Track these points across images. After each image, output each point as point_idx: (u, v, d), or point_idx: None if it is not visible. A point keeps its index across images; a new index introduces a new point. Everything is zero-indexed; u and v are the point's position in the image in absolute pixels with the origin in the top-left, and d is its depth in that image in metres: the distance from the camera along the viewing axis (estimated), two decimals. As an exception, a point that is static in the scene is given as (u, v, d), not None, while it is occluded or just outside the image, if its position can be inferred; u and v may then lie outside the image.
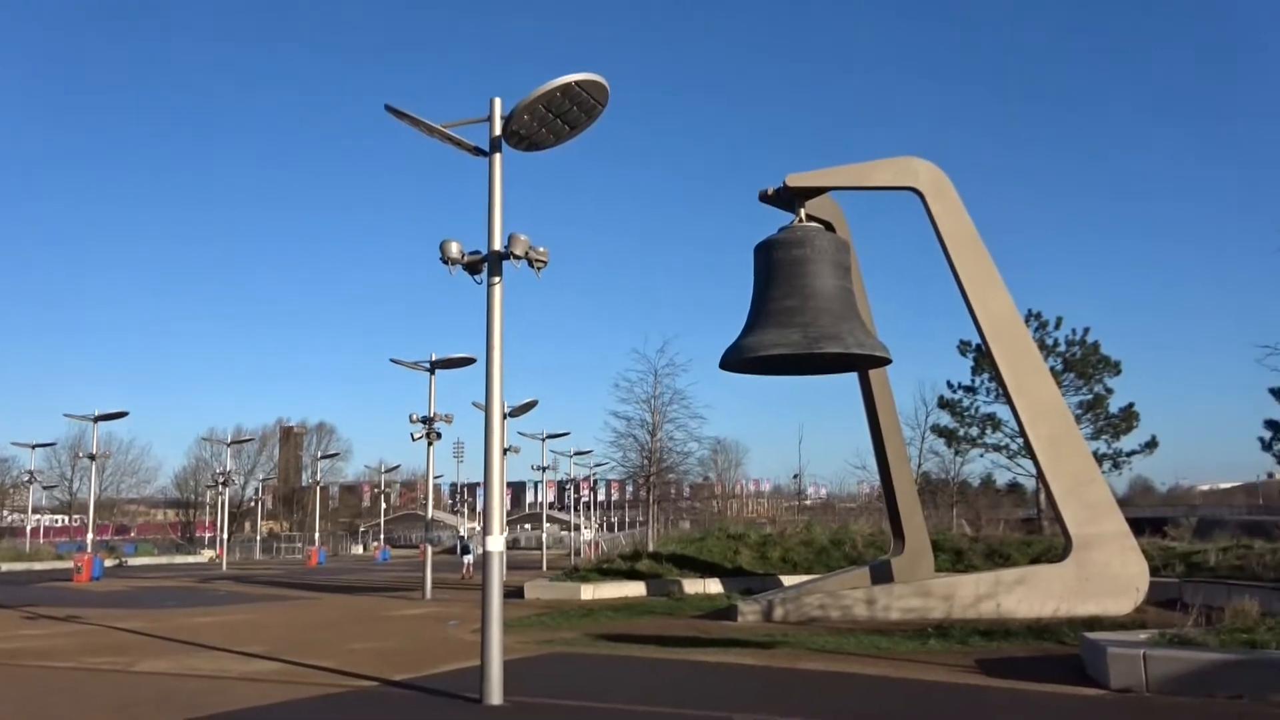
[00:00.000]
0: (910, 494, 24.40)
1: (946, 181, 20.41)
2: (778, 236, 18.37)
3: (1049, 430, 19.79)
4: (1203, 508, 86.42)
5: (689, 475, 49.10)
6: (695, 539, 35.03)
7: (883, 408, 23.64)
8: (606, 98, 11.40)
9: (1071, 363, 47.30)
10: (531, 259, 11.71)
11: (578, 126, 11.73)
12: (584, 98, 11.31)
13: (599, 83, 11.21)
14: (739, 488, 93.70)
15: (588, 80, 11.14)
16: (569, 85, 11.11)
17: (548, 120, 11.44)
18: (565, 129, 11.71)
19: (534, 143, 11.82)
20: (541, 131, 11.62)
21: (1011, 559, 26.69)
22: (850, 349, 17.13)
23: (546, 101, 11.22)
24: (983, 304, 20.00)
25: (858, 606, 20.12)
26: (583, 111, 11.49)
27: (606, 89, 11.30)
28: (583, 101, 11.36)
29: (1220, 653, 11.25)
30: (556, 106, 11.33)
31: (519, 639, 17.16)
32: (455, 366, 32.66)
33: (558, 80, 11.08)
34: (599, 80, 11.19)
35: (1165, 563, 24.29)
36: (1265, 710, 10.10)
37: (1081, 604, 18.70)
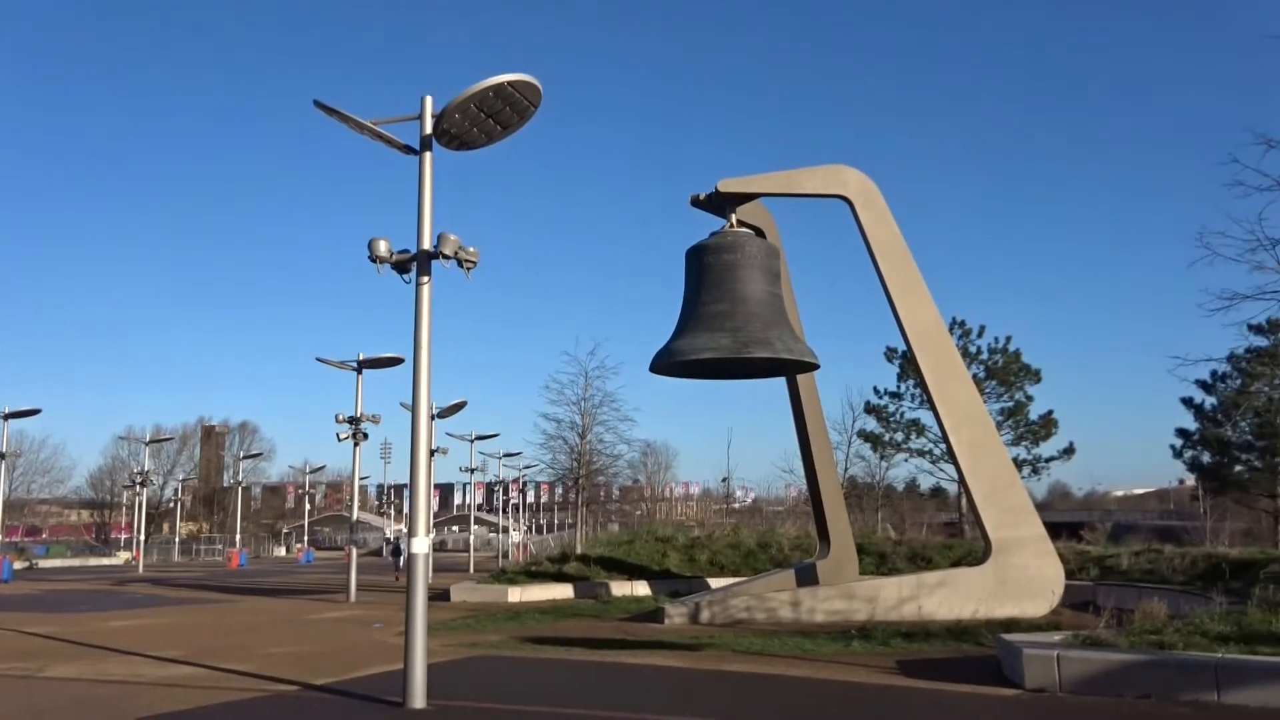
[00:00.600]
0: (836, 498, 24.71)
1: (875, 191, 20.73)
2: (709, 241, 18.50)
3: (970, 436, 20.20)
4: (1117, 513, 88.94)
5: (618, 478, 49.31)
6: (624, 541, 35.05)
7: (810, 413, 23.91)
8: (539, 98, 11.37)
9: (993, 370, 48.29)
10: (461, 259, 11.63)
11: (510, 126, 11.68)
12: (517, 98, 11.27)
13: (532, 83, 11.18)
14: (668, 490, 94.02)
15: (520, 81, 11.10)
16: (501, 85, 11.06)
17: (479, 120, 11.37)
18: (497, 129, 11.65)
19: (465, 142, 11.74)
20: (473, 131, 11.55)
21: (933, 562, 27.17)
22: (779, 354, 17.33)
23: (479, 101, 11.15)
24: (908, 311, 20.35)
25: (783, 609, 20.32)
26: (515, 112, 11.45)
27: (539, 90, 11.28)
28: (515, 102, 11.32)
29: (1130, 653, 11.60)
30: (489, 106, 11.27)
31: (444, 642, 17.02)
32: (383, 366, 32.27)
33: (490, 80, 11.02)
34: (532, 81, 11.16)
35: (1080, 566, 24.93)
36: (1171, 709, 10.42)
37: (1000, 606, 19.11)
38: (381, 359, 31.96)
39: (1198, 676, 10.82)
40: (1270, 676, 10.53)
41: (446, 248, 11.43)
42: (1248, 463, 43.50)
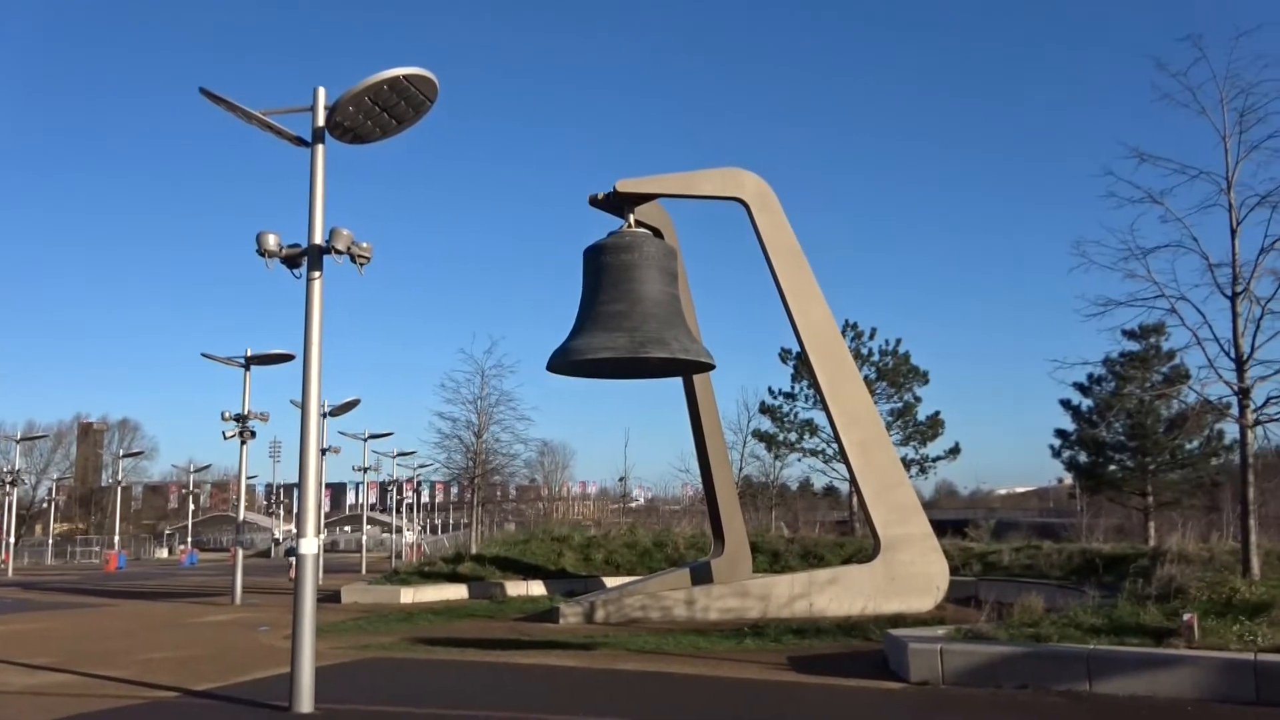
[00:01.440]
0: (731, 497, 25.00)
1: (771, 194, 21.02)
2: (607, 241, 18.51)
3: (861, 436, 20.65)
4: (1000, 511, 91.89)
5: (515, 477, 48.99)
6: (520, 541, 34.85)
7: (706, 412, 24.13)
8: (436, 94, 11.22)
9: (884, 372, 49.52)
10: (354, 254, 11.40)
11: (405, 121, 11.50)
12: (412, 92, 11.10)
13: (428, 78, 11.02)
14: (565, 490, 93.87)
15: (416, 75, 10.93)
16: (397, 79, 10.88)
17: (374, 113, 11.16)
18: (392, 123, 11.45)
19: (359, 135, 11.50)
20: (367, 124, 11.33)
21: (825, 560, 27.68)
22: (676, 354, 17.43)
23: (373, 94, 10.95)
24: (802, 314, 20.69)
25: (678, 607, 20.46)
26: (411, 106, 11.27)
27: (436, 85, 11.12)
28: (411, 96, 11.14)
29: (1009, 646, 12.03)
30: (383, 100, 11.07)
31: (333, 644, 16.67)
32: (273, 363, 31.41)
33: (385, 73, 10.83)
34: (428, 76, 11.00)
35: (964, 562, 25.70)
36: (1046, 698, 10.83)
37: (888, 602, 19.59)
38: (271, 355, 31.10)
39: (1071, 667, 11.28)
40: (1138, 666, 11.02)
41: (339, 243, 11.19)
42: (1120, 462, 45.50)
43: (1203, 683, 10.64)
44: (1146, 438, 43.39)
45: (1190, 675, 10.74)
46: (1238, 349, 14.51)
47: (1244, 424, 14.59)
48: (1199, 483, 44.67)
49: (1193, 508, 44.33)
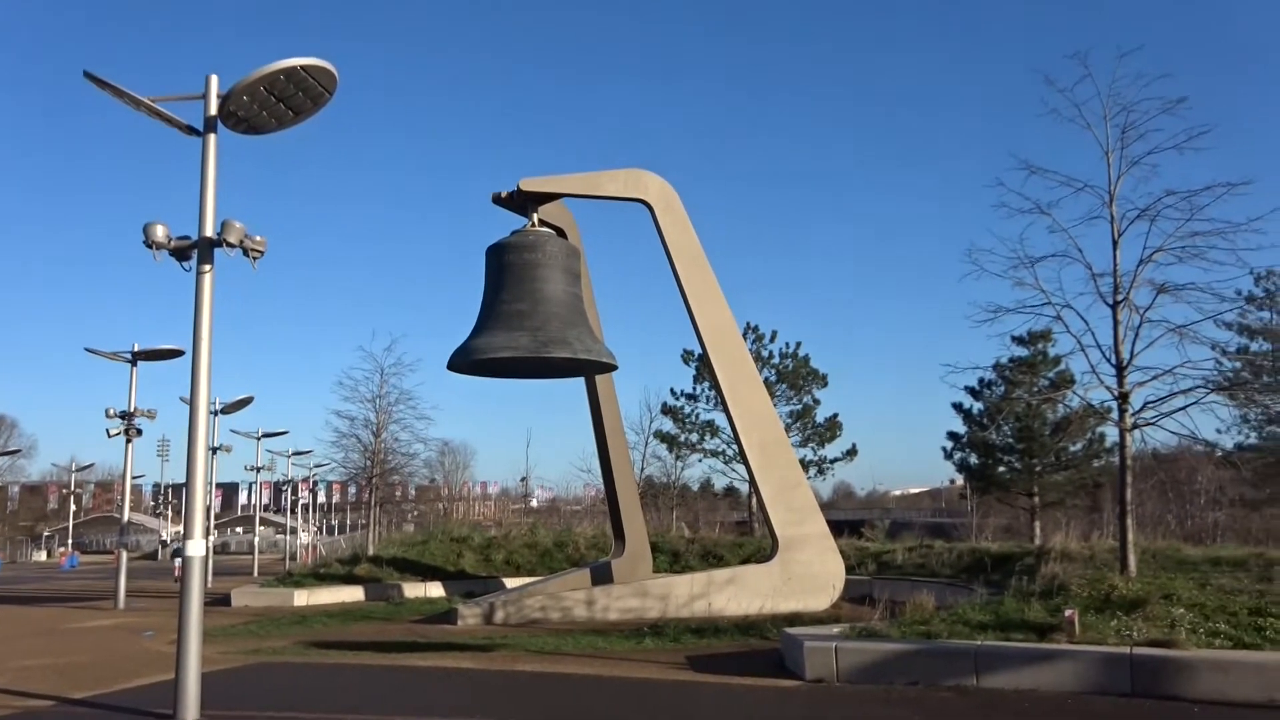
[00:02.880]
0: (632, 497, 25.06)
1: (675, 196, 21.14)
2: (510, 240, 18.39)
3: (760, 437, 20.90)
4: (895, 511, 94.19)
5: (414, 477, 48.20)
6: (418, 542, 34.36)
7: (608, 413, 24.15)
8: (334, 85, 10.98)
9: (784, 374, 50.20)
10: (247, 247, 11.09)
11: (303, 112, 11.22)
12: (310, 83, 10.84)
13: (327, 69, 10.78)
14: (466, 490, 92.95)
15: (315, 66, 10.68)
16: (294, 69, 10.61)
17: (269, 103, 10.87)
18: (289, 114, 11.17)
19: (254, 126, 11.19)
20: (262, 115, 11.03)
21: (724, 560, 27.94)
22: (578, 354, 17.40)
23: (269, 83, 10.66)
24: (704, 315, 20.86)
25: (578, 608, 20.42)
26: (308, 98, 11.01)
27: (335, 76, 10.89)
28: (309, 87, 10.89)
29: (900, 643, 12.30)
30: (280, 90, 10.79)
31: (222, 649, 16.19)
32: (161, 358, 30.35)
33: (282, 62, 10.55)
34: (327, 67, 10.76)
35: (860, 561, 26.22)
36: (935, 694, 11.12)
37: (785, 601, 19.87)
38: (158, 350, 30.04)
39: (959, 663, 11.60)
40: (1022, 661, 11.39)
41: (231, 235, 10.87)
42: (1009, 464, 46.94)
43: (1082, 676, 11.05)
44: (1033, 440, 44.86)
45: (1071, 669, 11.14)
46: (1118, 356, 15.09)
47: (1123, 428, 15.18)
48: (1082, 484, 46.37)
49: (1076, 507, 46.02)
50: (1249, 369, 35.39)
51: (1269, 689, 10.31)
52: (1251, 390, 32.05)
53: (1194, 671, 10.65)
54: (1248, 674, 10.50)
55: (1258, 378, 36.49)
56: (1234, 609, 12.38)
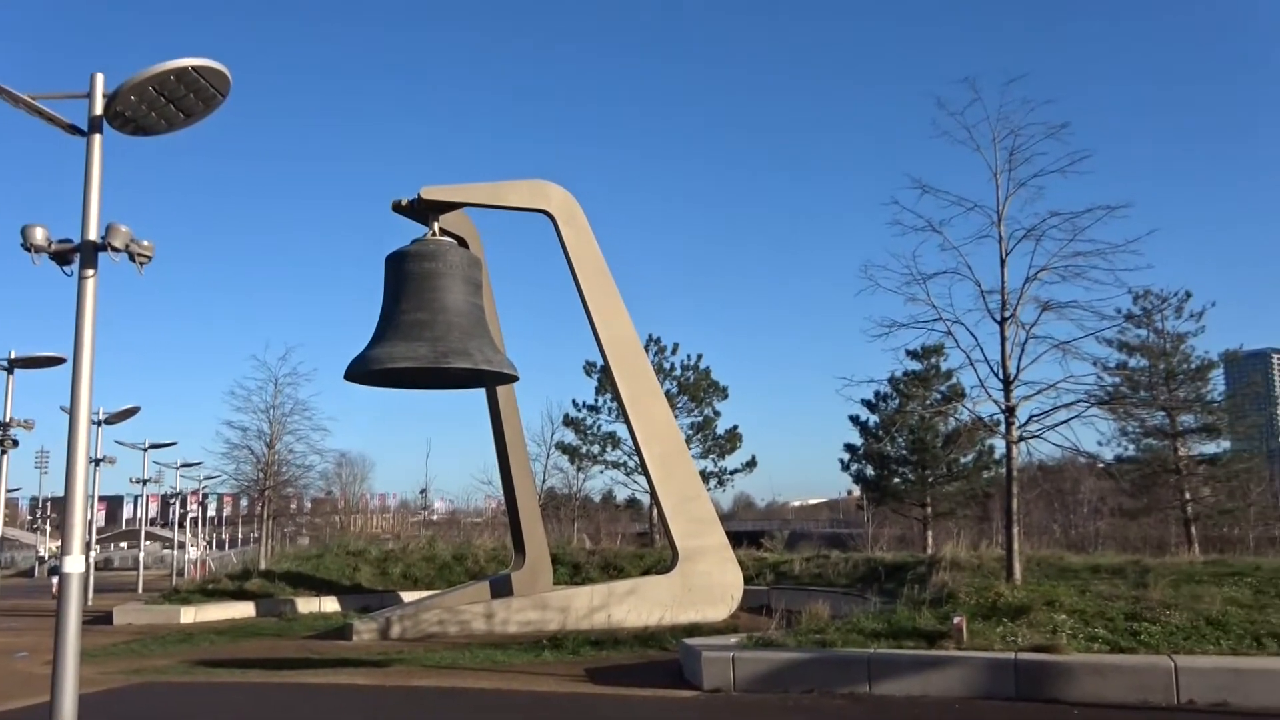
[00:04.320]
0: (532, 509, 24.93)
1: (577, 207, 21.16)
2: (410, 248, 18.14)
3: (661, 449, 21.01)
4: (794, 522, 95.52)
5: (309, 489, 47.11)
6: (313, 556, 33.58)
7: (509, 424, 23.99)
8: (228, 88, 10.68)
9: (685, 386, 50.49)
10: (134, 252, 10.69)
11: (194, 115, 10.87)
12: (202, 85, 10.52)
13: (220, 71, 10.48)
14: (363, 502, 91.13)
15: (207, 67, 10.38)
16: (185, 69, 10.29)
17: (159, 104, 10.51)
18: (179, 116, 10.80)
19: (142, 127, 10.80)
20: (151, 116, 10.65)
21: (625, 571, 27.95)
22: (478, 365, 17.24)
23: (158, 83, 10.30)
24: (606, 327, 20.90)
25: (476, 621, 20.21)
26: (200, 100, 10.68)
27: (228, 79, 10.59)
28: (201, 89, 10.56)
29: (796, 652, 12.49)
30: (170, 90, 10.44)
31: (102, 669, 15.55)
32: (39, 366, 28.93)
33: (172, 62, 10.22)
34: (220, 69, 10.46)
35: (758, 572, 26.51)
36: (830, 701, 11.31)
37: (684, 612, 19.97)
38: (37, 358, 28.67)
39: (853, 670, 11.83)
40: (913, 667, 11.67)
41: (116, 239, 10.46)
42: (903, 475, 48.03)
43: (970, 681, 11.37)
44: (926, 452, 45.98)
45: (959, 674, 11.46)
46: (1005, 370, 15.60)
47: (1009, 440, 15.69)
48: (972, 494, 47.70)
49: (966, 517, 47.35)
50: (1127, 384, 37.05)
51: (1142, 691, 10.77)
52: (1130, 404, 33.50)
53: (1074, 675, 11.06)
54: (1123, 676, 10.95)
55: (1135, 392, 38.25)
56: (1111, 614, 12.88)
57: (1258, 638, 11.91)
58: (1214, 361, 43.34)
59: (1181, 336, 42.09)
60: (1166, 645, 11.79)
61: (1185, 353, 42.33)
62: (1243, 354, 51.10)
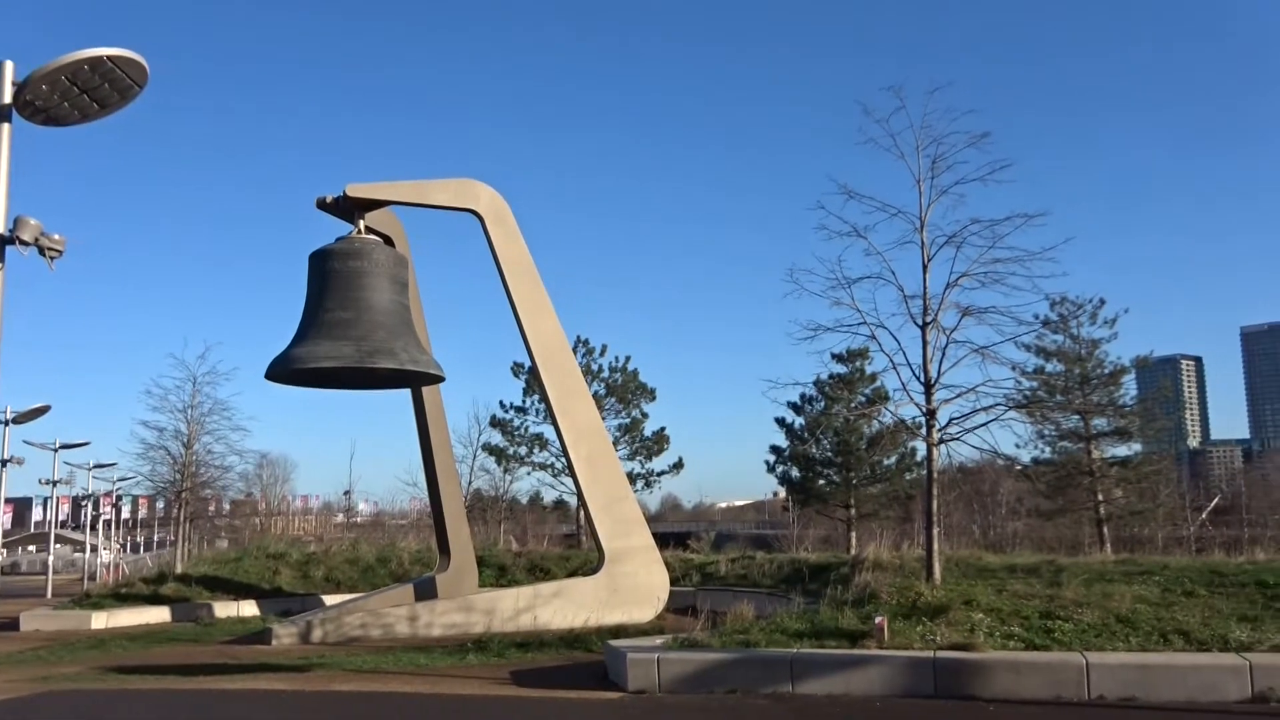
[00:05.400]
0: (458, 510, 24.72)
1: (506, 207, 21.04)
2: (334, 246, 17.88)
3: (588, 450, 20.99)
4: (721, 523, 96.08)
5: (229, 491, 46.17)
6: (231, 559, 32.83)
7: (435, 425, 23.76)
8: (145, 79, 10.41)
9: (613, 388, 50.56)
10: (44, 246, 10.36)
11: (109, 106, 10.57)
12: (118, 75, 10.23)
13: (137, 62, 10.21)
14: (285, 504, 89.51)
15: (123, 57, 10.10)
16: (100, 59, 10.00)
17: (72, 94, 10.19)
18: (94, 106, 10.50)
19: (53, 117, 10.47)
20: (64, 106, 10.33)
21: (551, 573, 27.86)
22: (404, 365, 17.05)
23: (71, 73, 10.00)
24: (534, 328, 20.82)
25: (400, 624, 19.98)
26: (116, 90, 10.39)
27: (146, 70, 10.32)
28: (116, 80, 10.27)
29: (720, 652, 12.56)
30: (84, 80, 10.13)
31: (9, 678, 15.03)
32: (-55, 364, 28.02)
33: (87, 51, 9.92)
34: (137, 59, 10.19)
35: (685, 573, 26.62)
36: (753, 701, 11.40)
37: (610, 613, 19.97)
38: (-58, 355, 27.71)
39: (776, 670, 11.94)
40: (835, 667, 11.82)
41: (25, 233, 10.13)
42: (828, 477, 48.64)
43: (890, 680, 11.55)
44: (850, 454, 46.62)
45: (880, 673, 11.63)
46: (926, 374, 15.88)
47: (930, 442, 15.98)
48: (894, 496, 48.48)
49: (889, 519, 48.14)
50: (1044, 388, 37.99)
51: (1055, 687, 11.05)
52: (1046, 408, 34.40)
53: (990, 672, 11.31)
54: (1037, 673, 11.23)
55: (1051, 396, 39.26)
56: (1027, 613, 13.20)
57: (1164, 635, 12.31)
58: (1126, 367, 44.69)
59: (1096, 342, 43.33)
60: (1079, 643, 12.12)
61: (1099, 358, 43.59)
62: (1153, 360, 52.67)
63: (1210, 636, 12.14)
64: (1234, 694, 10.73)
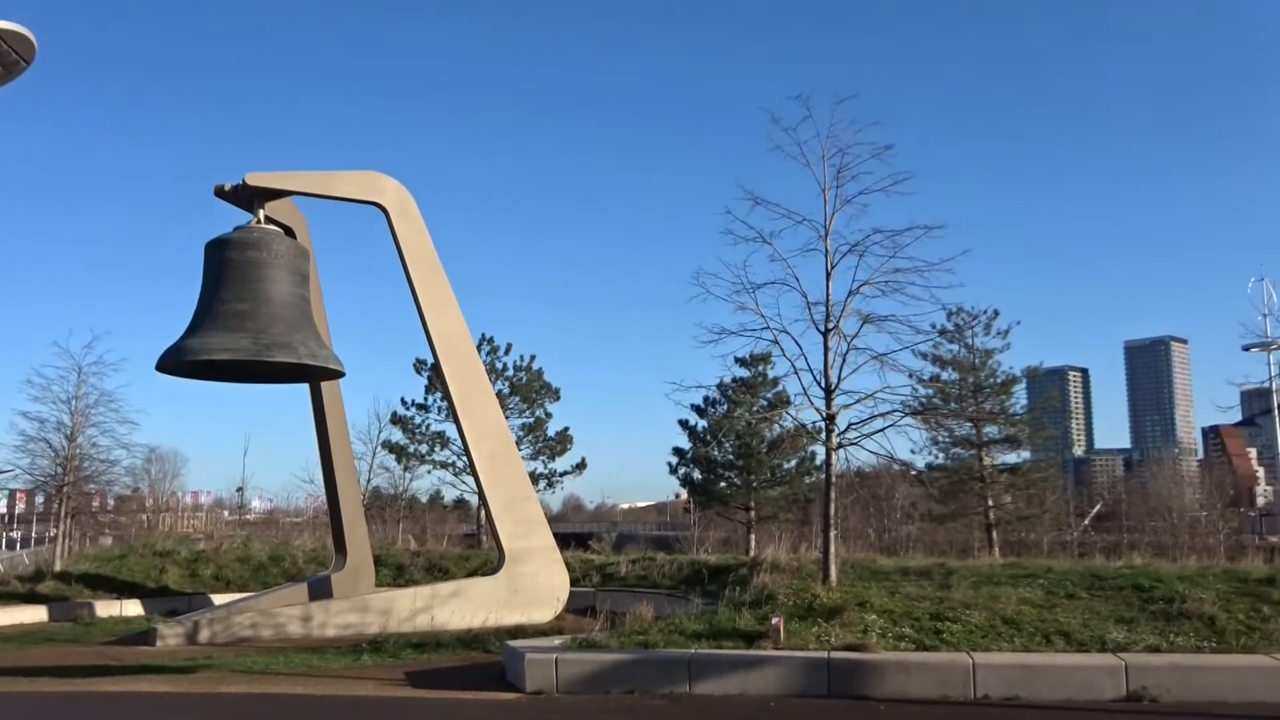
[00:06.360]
0: (355, 508, 24.27)
1: (411, 201, 20.74)
2: (232, 236, 17.40)
3: (491, 449, 20.82)
4: (623, 524, 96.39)
5: (114, 486, 44.47)
6: (115, 556, 31.64)
7: (333, 421, 23.29)
8: (33, 54, 9.97)
9: (517, 387, 50.25)
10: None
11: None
12: (3, 50, 9.79)
13: (24, 36, 9.78)
14: (174, 500, 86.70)
15: (9, 30, 9.66)
16: (-15, 31, 9.56)
17: (-47, 67, 9.73)
18: (-24, 81, 10.04)
19: (-69, 91, 9.98)
20: (-57, 79, 9.86)
21: (450, 573, 27.53)
22: (303, 359, 16.69)
23: (-47, 45, 9.54)
24: (437, 324, 20.56)
25: (293, 624, 19.53)
26: (1, 65, 9.94)
27: (33, 44, 9.89)
28: (2, 54, 9.83)
29: (619, 653, 12.58)
30: (-34, 53, 9.68)
31: None
32: None
33: (-30, 23, 9.48)
34: (24, 33, 9.76)
35: (585, 574, 26.57)
36: (650, 702, 11.45)
37: (510, 614, 19.84)
38: None
39: (674, 671, 12.00)
40: (732, 667, 11.94)
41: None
42: (729, 479, 49.20)
43: (786, 680, 11.72)
44: (751, 457, 47.24)
45: (776, 674, 11.79)
46: (827, 380, 16.16)
47: (829, 447, 16.27)
48: (794, 499, 49.29)
49: (788, 521, 48.88)
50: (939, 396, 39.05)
51: (943, 686, 11.36)
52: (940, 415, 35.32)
53: (882, 672, 11.56)
54: (926, 673, 11.52)
55: (946, 404, 40.39)
56: (918, 614, 13.53)
57: (1047, 635, 12.76)
58: (1017, 377, 46.33)
59: (989, 352, 44.79)
60: (966, 643, 12.47)
61: (992, 368, 45.08)
62: (1043, 371, 54.71)
63: (1089, 637, 12.63)
64: (1110, 693, 11.17)
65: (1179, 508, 62.19)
